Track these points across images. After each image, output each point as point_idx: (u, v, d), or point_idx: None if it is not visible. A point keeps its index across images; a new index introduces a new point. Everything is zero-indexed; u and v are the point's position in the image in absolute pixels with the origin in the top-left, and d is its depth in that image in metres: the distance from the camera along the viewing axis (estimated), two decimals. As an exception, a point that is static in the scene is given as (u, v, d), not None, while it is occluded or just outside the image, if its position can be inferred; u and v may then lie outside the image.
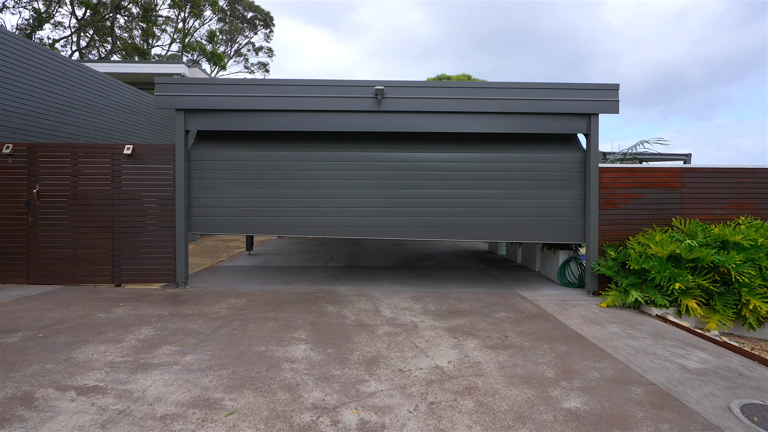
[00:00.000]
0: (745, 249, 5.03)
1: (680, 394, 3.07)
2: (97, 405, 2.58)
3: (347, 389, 2.96)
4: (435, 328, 4.32)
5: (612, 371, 3.43)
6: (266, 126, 5.78)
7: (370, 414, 2.65)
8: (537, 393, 3.01)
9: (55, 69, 6.76)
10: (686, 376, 3.40)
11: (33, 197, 5.60)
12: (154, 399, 2.69)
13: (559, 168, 5.84)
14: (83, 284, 5.68)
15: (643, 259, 5.23)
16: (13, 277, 5.61)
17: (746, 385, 3.28)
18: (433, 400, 2.87)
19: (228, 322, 4.32)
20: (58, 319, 4.19)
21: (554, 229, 5.82)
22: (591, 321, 4.73)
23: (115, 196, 5.67)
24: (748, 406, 2.99)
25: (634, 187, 5.86)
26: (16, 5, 23.05)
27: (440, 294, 5.75)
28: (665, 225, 5.84)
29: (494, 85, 5.86)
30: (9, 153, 5.56)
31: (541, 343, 3.99)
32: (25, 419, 2.39)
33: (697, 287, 4.91)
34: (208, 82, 5.93)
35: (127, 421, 2.43)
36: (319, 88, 5.69)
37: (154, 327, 4.06)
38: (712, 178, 5.90)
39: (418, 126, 5.76)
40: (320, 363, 3.38)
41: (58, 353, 3.34)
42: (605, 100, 5.71)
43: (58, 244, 5.63)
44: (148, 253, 5.72)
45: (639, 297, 5.05)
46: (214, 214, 5.76)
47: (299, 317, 4.55)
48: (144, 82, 12.74)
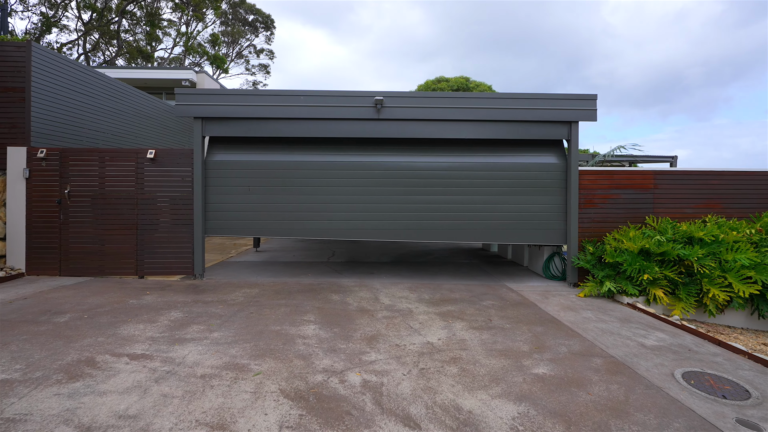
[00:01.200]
0: (708, 244, 5.60)
1: (633, 364, 3.64)
2: (148, 367, 3.15)
3: (352, 358, 3.52)
4: (428, 313, 4.89)
5: (579, 347, 3.99)
6: (275, 132, 6.35)
7: (371, 376, 3.21)
8: (512, 362, 3.58)
9: (79, 79, 7.32)
10: (642, 351, 3.97)
11: (64, 197, 6.16)
12: (192, 363, 3.26)
13: (542, 169, 6.40)
14: (110, 276, 6.24)
15: (617, 253, 5.81)
16: (46, 269, 6.17)
17: (692, 358, 3.84)
18: (423, 366, 3.43)
19: (245, 307, 4.89)
20: (96, 304, 4.75)
21: (538, 232, 6.38)
22: (568, 308, 5.30)
23: (138, 196, 6.23)
24: (689, 373, 3.56)
25: (611, 188, 6.43)
26: (25, 10, 23.64)
27: (434, 285, 6.31)
28: (639, 223, 6.42)
29: (483, 95, 6.43)
30: (43, 157, 6.12)
31: (520, 326, 4.56)
32: (93, 376, 2.96)
33: (663, 278, 5.48)
34: (224, 93, 6.48)
35: (174, 378, 3.00)
36: (324, 98, 6.26)
37: (181, 311, 4.63)
38: (683, 181, 6.47)
39: (414, 132, 6.33)
40: (328, 339, 3.95)
41: (105, 330, 3.91)
42: (584, 109, 6.28)
43: (87, 240, 6.19)
44: (168, 248, 6.28)
45: (612, 287, 5.62)
46: (227, 218, 6.32)
47: (307, 304, 5.12)
48: (154, 87, 13.32)
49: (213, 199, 6.30)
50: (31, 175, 6.15)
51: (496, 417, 2.71)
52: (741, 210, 6.45)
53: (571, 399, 2.98)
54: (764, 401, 3.08)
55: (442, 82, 38.13)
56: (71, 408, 2.54)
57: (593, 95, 6.25)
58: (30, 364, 3.12)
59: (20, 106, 6.21)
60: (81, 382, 2.86)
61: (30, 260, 6.15)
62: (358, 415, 2.66)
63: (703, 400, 3.06)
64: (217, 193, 6.30)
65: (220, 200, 6.30)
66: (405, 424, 2.59)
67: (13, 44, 6.20)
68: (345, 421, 2.59)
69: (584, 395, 3.05)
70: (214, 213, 6.30)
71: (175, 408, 2.62)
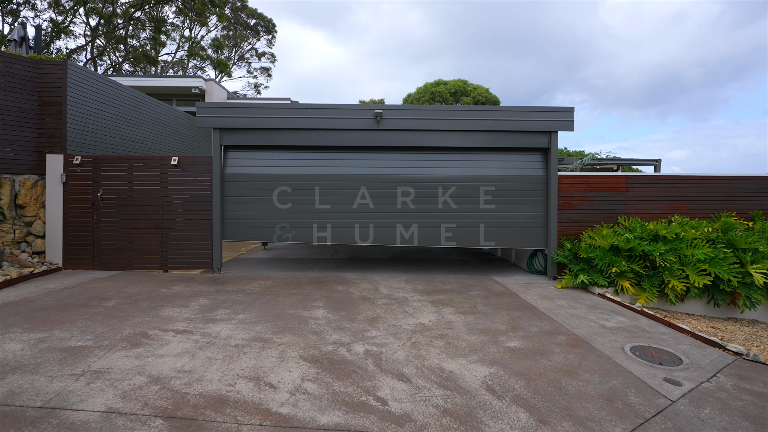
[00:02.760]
0: (670, 241, 6.33)
1: (591, 340, 4.35)
2: (191, 339, 3.87)
3: (356, 334, 4.24)
4: (421, 301, 5.61)
5: (548, 327, 4.71)
6: (285, 141, 7.07)
7: (372, 347, 3.93)
8: (489, 338, 4.30)
9: (105, 91, 8.04)
10: (602, 330, 4.68)
11: (97, 199, 6.88)
12: (226, 336, 3.98)
13: (525, 174, 7.13)
14: (138, 270, 6.96)
15: (590, 250, 6.53)
16: (81, 264, 6.89)
17: (643, 336, 4.56)
18: (415, 341, 4.15)
19: (262, 295, 5.61)
20: (134, 292, 5.48)
21: (522, 237, 7.12)
22: (545, 297, 6.02)
23: (163, 198, 6.95)
24: (636, 347, 4.28)
25: (587, 191, 7.16)
26: (36, 17, 24.37)
27: (428, 278, 7.03)
28: (612, 222, 7.14)
29: (472, 108, 7.16)
30: (78, 164, 6.84)
31: (501, 311, 5.28)
32: (149, 344, 3.68)
33: (630, 271, 6.21)
34: (239, 106, 7.19)
35: (213, 346, 3.72)
36: (330, 110, 6.98)
37: (208, 298, 5.35)
38: (652, 184, 7.20)
39: (410, 141, 7.06)
40: (336, 320, 4.67)
41: (148, 312, 4.63)
42: (562, 120, 7.00)
43: (117, 238, 6.91)
44: (189, 245, 7.00)
45: (585, 279, 6.35)
46: (242, 225, 7.04)
47: (316, 293, 5.84)
48: (164, 94, 14.04)
49: (229, 208, 7.03)
50: (67, 180, 6.87)
51: (471, 376, 3.43)
52: (704, 210, 7.18)
53: (534, 364, 3.70)
54: (692, 366, 3.80)
55: (440, 85, 38.82)
56: (139, 365, 3.27)
57: (570, 108, 6.97)
58: (97, 335, 3.84)
59: (58, 118, 6.94)
60: (141, 348, 3.59)
61: (66, 256, 6.87)
62: (362, 373, 3.38)
63: (642, 366, 3.78)
64: (233, 203, 7.03)
65: (235, 209, 7.03)
66: (399, 379, 3.31)
67: (51, 63, 6.92)
68: (352, 377, 3.31)
69: (545, 361, 3.77)
70: (230, 221, 7.03)
71: (218, 367, 3.34)
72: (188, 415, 2.61)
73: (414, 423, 2.70)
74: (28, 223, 6.91)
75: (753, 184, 7.25)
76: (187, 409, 2.68)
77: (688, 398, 3.21)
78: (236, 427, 2.53)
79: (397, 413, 2.80)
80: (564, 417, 2.86)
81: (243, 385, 3.06)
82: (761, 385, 3.49)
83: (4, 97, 6.58)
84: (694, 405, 3.10)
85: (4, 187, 6.62)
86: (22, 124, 6.78)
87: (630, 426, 2.78)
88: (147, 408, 2.66)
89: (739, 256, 6.12)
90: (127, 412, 2.59)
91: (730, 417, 2.95)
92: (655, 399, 3.16)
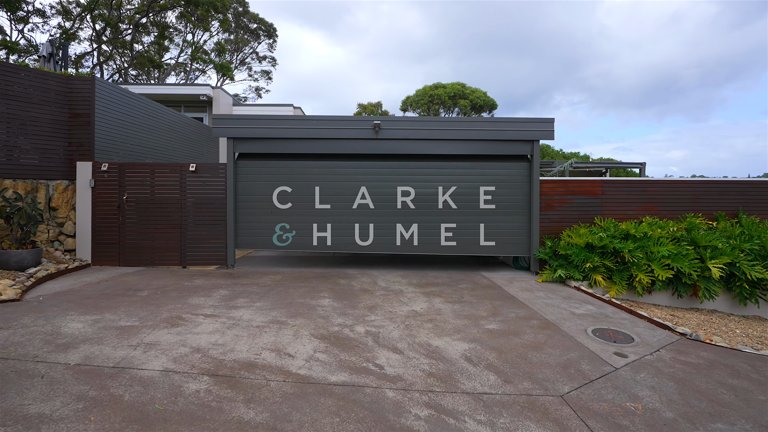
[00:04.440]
0: (639, 239, 7.05)
1: (560, 324, 5.07)
2: (219, 321, 4.59)
3: (357, 318, 4.96)
4: (414, 292, 6.33)
5: (524, 314, 5.43)
6: (291, 149, 7.79)
7: (371, 328, 4.65)
8: (472, 322, 5.02)
9: (126, 102, 8.76)
10: (571, 316, 5.40)
11: (122, 202, 7.60)
12: (248, 320, 4.70)
13: (511, 178, 7.85)
14: (159, 266, 7.68)
15: (568, 247, 7.25)
16: (108, 260, 7.61)
17: (606, 321, 5.28)
18: (408, 324, 4.87)
19: (274, 287, 6.33)
20: (161, 285, 6.20)
21: (508, 246, 7.86)
22: (526, 289, 6.74)
23: (182, 201, 7.67)
24: (597, 329, 4.99)
25: (566, 194, 7.88)
26: (44, 23, 25.10)
27: (422, 274, 7.76)
28: (590, 222, 7.87)
29: (462, 119, 7.89)
30: (105, 170, 7.56)
31: (484, 300, 6.00)
32: (185, 325, 4.40)
33: (602, 266, 6.93)
34: (251, 118, 7.92)
35: (238, 327, 4.44)
36: (333, 122, 7.70)
37: (227, 289, 6.07)
38: (625, 188, 7.93)
39: (406, 149, 7.78)
40: (340, 307, 5.39)
41: (177, 300, 5.35)
42: (544, 129, 7.73)
43: (140, 237, 7.63)
44: (205, 244, 7.72)
45: (562, 273, 7.07)
46: (253, 234, 7.78)
47: (322, 285, 6.56)
48: (173, 101, 14.76)
49: (241, 219, 7.75)
50: (95, 185, 7.59)
51: (453, 350, 4.15)
52: (672, 212, 7.91)
53: (507, 341, 4.42)
54: (641, 344, 4.52)
55: (439, 89, 39.52)
56: (181, 340, 3.99)
57: (551, 119, 7.70)
58: (140, 318, 4.56)
59: (86, 128, 7.66)
60: (179, 327, 4.31)
61: (95, 253, 7.59)
62: (363, 347, 4.10)
63: (598, 343, 4.50)
64: (244, 215, 7.75)
65: (247, 220, 7.76)
66: (393, 351, 4.03)
67: (81, 79, 7.64)
68: (355, 350, 4.03)
69: (517, 339, 4.49)
70: (242, 231, 7.76)
71: (245, 341, 4.06)
72: (227, 374, 3.33)
73: (404, 381, 3.42)
74: (60, 223, 7.62)
75: (717, 188, 7.98)
76: (226, 370, 3.40)
77: (630, 366, 3.94)
78: (265, 382, 3.25)
79: (392, 375, 3.53)
80: (525, 378, 3.58)
81: (267, 354, 3.78)
82: (694, 357, 4.21)
83: (40, 110, 7.30)
84: (633, 371, 3.83)
85: (40, 192, 7.33)
86: (55, 135, 7.50)
87: (576, 385, 3.50)
88: (194, 369, 3.38)
89: (700, 252, 6.85)
90: (180, 371, 3.32)
91: (659, 379, 3.67)
92: (602, 367, 3.89)
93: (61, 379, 3.07)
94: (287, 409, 2.87)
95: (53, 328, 4.10)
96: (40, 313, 4.59)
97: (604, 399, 3.29)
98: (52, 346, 3.65)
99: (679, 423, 2.99)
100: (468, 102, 35.24)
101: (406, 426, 2.78)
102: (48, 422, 2.53)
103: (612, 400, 3.28)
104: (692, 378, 3.72)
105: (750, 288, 6.59)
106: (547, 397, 3.29)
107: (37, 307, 4.83)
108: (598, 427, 2.89)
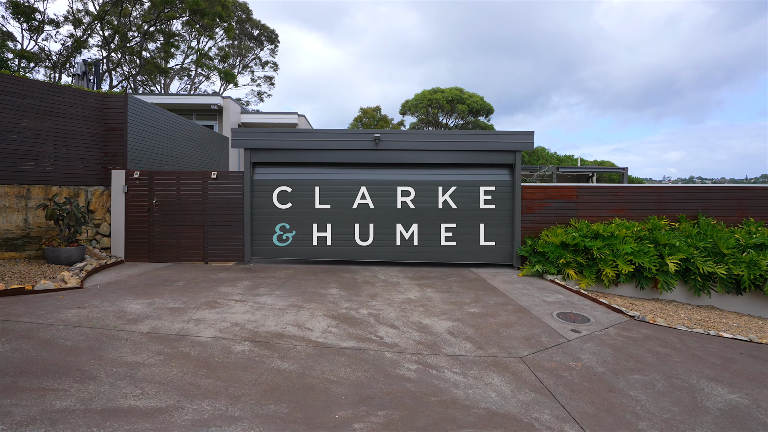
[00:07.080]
0: (607, 238, 8.05)
1: (531, 309, 6.06)
2: (247, 304, 5.58)
3: (361, 304, 5.95)
4: (410, 284, 7.32)
5: (502, 301, 6.42)
6: (301, 159, 8.77)
7: (373, 311, 5.64)
8: (457, 307, 6.00)
9: (152, 116, 9.75)
10: (542, 303, 6.39)
11: (152, 205, 8.58)
12: (271, 304, 5.69)
13: (497, 184, 8.84)
14: (184, 262, 8.66)
15: (545, 245, 8.25)
16: (139, 257, 8.59)
17: (570, 306, 6.27)
18: (403, 308, 5.86)
19: (288, 280, 7.31)
20: (192, 277, 7.18)
21: (491, 255, 8.87)
22: (507, 282, 7.73)
23: (204, 205, 8.65)
24: (561, 313, 5.98)
25: (545, 199, 8.88)
26: (57, 32, 26.12)
27: (417, 269, 8.75)
28: (565, 223, 8.86)
29: (452, 132, 8.89)
30: (137, 177, 8.54)
31: (470, 291, 6.99)
32: (221, 307, 5.38)
33: (574, 262, 7.93)
34: (266, 131, 8.90)
35: (264, 308, 5.43)
36: (338, 134, 8.70)
37: (248, 281, 7.06)
38: (597, 193, 8.93)
39: (403, 158, 8.77)
40: (346, 295, 6.38)
41: (209, 289, 6.33)
42: (524, 141, 8.73)
43: (168, 236, 8.60)
44: (225, 242, 8.70)
45: (539, 268, 8.07)
46: (266, 244, 8.78)
47: (329, 278, 7.55)
48: (185, 110, 15.75)
49: (256, 231, 8.74)
50: (128, 190, 8.57)
51: (439, 327, 5.13)
52: (639, 214, 8.91)
53: (484, 321, 5.41)
54: (595, 323, 5.51)
55: (437, 93, 40.52)
56: (221, 317, 4.97)
57: (531, 131, 8.71)
58: (184, 302, 5.54)
59: (120, 140, 8.65)
60: (217, 309, 5.30)
61: (127, 251, 8.56)
62: (366, 324, 5.09)
63: (559, 323, 5.48)
64: (259, 227, 8.74)
65: (261, 233, 8.74)
66: (391, 327, 5.01)
67: (115, 96, 8.63)
68: (360, 326, 5.01)
69: (492, 320, 5.48)
70: (257, 242, 8.75)
71: (271, 319, 5.04)
72: (262, 341, 4.32)
73: (399, 347, 4.41)
74: (97, 224, 8.60)
75: (680, 193, 8.98)
76: (261, 338, 4.39)
77: (580, 339, 4.93)
78: (292, 346, 4.23)
79: (390, 342, 4.51)
80: (494, 346, 4.57)
81: (290, 328, 4.77)
82: (635, 333, 5.20)
83: (80, 125, 8.29)
84: (582, 341, 4.82)
85: (80, 197, 8.31)
86: (93, 146, 8.49)
87: (534, 351, 4.49)
88: (237, 337, 4.37)
89: (660, 249, 7.84)
90: (227, 338, 4.30)
91: (601, 347, 4.66)
92: (557, 339, 4.88)
93: (140, 341, 4.05)
94: (311, 363, 3.86)
95: (119, 308, 5.09)
96: (104, 297, 5.57)
97: (553, 360, 4.28)
98: (124, 320, 4.64)
99: (607, 375, 3.98)
100: (465, 107, 36.23)
101: (400, 375, 3.77)
102: (143, 367, 3.51)
103: (559, 360, 4.27)
104: (627, 346, 4.72)
105: (702, 281, 7.58)
106: (509, 358, 4.28)
107: (98, 293, 5.82)
108: (544, 377, 3.88)
